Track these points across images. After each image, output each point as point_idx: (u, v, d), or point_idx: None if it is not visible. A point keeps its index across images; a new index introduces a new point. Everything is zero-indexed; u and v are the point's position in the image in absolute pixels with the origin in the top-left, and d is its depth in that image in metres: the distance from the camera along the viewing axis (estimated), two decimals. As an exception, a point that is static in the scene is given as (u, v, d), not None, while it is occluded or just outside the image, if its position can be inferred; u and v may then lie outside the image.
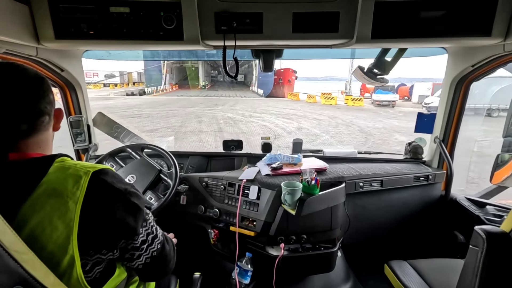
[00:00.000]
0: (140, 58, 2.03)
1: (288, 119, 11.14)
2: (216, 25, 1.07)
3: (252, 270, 1.48)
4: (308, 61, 12.34)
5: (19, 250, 0.51)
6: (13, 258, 0.48)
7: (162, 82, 20.65)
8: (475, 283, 0.86)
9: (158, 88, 23.37)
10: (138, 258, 0.71)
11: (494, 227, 0.87)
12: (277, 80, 22.63)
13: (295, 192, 1.32)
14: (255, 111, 13.20)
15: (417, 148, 1.93)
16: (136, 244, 0.69)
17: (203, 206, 1.64)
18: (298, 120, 10.97)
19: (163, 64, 22.74)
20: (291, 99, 19.67)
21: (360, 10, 1.03)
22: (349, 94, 19.68)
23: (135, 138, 1.99)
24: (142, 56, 2.01)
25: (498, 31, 1.04)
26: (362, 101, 17.68)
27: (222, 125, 10.08)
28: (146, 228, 0.71)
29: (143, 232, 0.70)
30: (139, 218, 0.68)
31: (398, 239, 1.90)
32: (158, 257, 0.76)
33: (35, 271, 0.52)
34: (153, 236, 0.74)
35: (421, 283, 1.24)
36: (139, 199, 0.69)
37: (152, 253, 0.73)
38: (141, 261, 0.72)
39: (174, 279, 1.24)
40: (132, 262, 0.71)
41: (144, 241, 0.71)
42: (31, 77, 0.66)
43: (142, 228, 0.70)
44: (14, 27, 0.94)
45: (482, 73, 1.49)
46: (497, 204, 1.59)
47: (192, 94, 22.67)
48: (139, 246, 0.69)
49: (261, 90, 22.70)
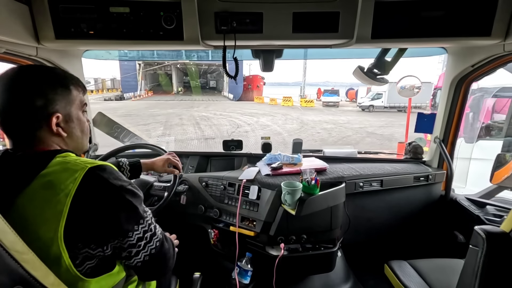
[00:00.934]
0: (135, 58, 2.04)
1: (250, 116, 14.41)
2: (216, 25, 1.07)
3: (252, 270, 1.48)
4: (280, 67, 13.25)
5: (20, 250, 0.51)
6: (13, 258, 0.48)
7: (138, 88, 21.21)
8: (475, 283, 0.86)
9: (135, 94, 24.66)
10: (136, 255, 0.71)
11: (494, 227, 0.87)
12: (246, 86, 25.15)
13: (295, 192, 1.32)
14: (224, 111, 16.28)
15: (417, 148, 1.93)
16: (132, 241, 0.68)
17: (203, 206, 1.64)
18: (257, 117, 14.10)
19: (138, 71, 23.52)
20: (257, 102, 23.14)
21: (360, 10, 1.03)
22: (303, 97, 23.61)
23: (135, 138, 1.99)
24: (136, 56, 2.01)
25: (498, 31, 1.04)
26: (313, 102, 21.89)
27: (198, 120, 13.02)
28: (142, 226, 0.71)
29: (138, 230, 0.70)
30: (133, 215, 0.68)
31: (398, 239, 1.90)
32: (156, 255, 0.75)
33: (35, 271, 0.52)
34: (151, 234, 0.73)
35: (421, 283, 1.24)
36: (134, 196, 0.69)
37: (150, 251, 0.73)
38: (140, 258, 0.72)
39: (174, 279, 1.23)
40: (131, 260, 0.71)
41: (141, 238, 0.70)
42: (54, 76, 0.71)
43: (138, 226, 0.69)
44: (14, 27, 0.94)
45: (482, 73, 1.49)
46: (497, 204, 1.59)
47: (168, 99, 24.90)
48: (135, 243, 0.69)
49: (231, 95, 24.93)
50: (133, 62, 22.36)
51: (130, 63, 22.73)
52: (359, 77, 1.48)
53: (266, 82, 28.35)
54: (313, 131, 11.06)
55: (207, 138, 9.43)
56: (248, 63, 20.10)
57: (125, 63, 22.71)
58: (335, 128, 11.84)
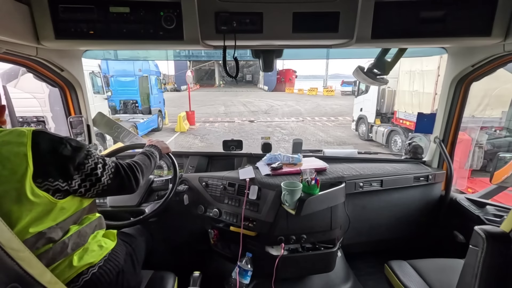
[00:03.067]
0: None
1: (281, 101, 20.08)
2: (216, 25, 1.07)
3: (252, 270, 1.48)
4: (310, 62, 15.40)
5: (15, 247, 0.51)
6: (9, 256, 0.48)
7: (190, 81, 23.36)
8: (475, 283, 0.86)
9: (187, 86, 26.88)
10: (99, 181, 0.91)
11: (494, 227, 0.87)
12: (279, 78, 28.52)
13: (295, 192, 1.32)
14: (261, 98, 22.28)
15: (417, 148, 1.93)
16: (86, 171, 0.88)
17: (203, 206, 1.64)
18: (285, 101, 19.80)
19: (188, 67, 26.18)
20: (288, 92, 27.90)
21: (360, 10, 1.03)
22: (326, 88, 27.89)
23: (135, 138, 1.98)
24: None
25: (498, 31, 1.04)
26: (333, 92, 26.19)
27: (244, 103, 18.78)
28: (92, 159, 0.90)
29: (89, 162, 0.89)
30: (81, 153, 0.88)
31: (398, 239, 1.90)
32: (117, 175, 0.97)
33: (31, 268, 0.52)
34: (102, 164, 0.94)
35: (421, 283, 1.24)
36: (77, 142, 0.89)
37: (109, 175, 0.95)
38: (103, 183, 0.92)
39: (173, 276, 1.24)
40: (96, 186, 0.91)
41: (94, 168, 0.90)
42: None
43: (87, 159, 0.89)
44: (14, 27, 0.94)
45: (482, 73, 1.49)
46: (497, 204, 1.59)
47: (214, 90, 30.60)
48: (90, 172, 0.89)
49: (266, 87, 29.02)
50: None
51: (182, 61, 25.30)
52: (359, 77, 1.48)
53: (298, 75, 31.78)
54: (322, 108, 16.82)
55: (253, 111, 15.18)
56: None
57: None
58: (339, 107, 17.09)
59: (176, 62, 26.90)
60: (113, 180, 0.96)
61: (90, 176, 0.89)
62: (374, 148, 8.19)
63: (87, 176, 0.89)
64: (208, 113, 14.48)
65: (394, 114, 7.70)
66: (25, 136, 0.78)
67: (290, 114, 14.38)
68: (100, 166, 0.92)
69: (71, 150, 0.85)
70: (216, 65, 33.24)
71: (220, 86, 34.24)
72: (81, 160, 0.87)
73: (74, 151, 0.86)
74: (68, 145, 0.85)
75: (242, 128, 10.82)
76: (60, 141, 0.84)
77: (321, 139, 9.19)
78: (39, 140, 0.80)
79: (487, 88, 4.95)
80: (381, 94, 8.07)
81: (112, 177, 0.96)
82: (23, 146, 0.77)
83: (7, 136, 0.78)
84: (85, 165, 0.88)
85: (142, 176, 1.08)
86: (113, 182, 0.96)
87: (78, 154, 0.86)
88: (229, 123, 11.96)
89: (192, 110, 11.15)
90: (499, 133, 5.22)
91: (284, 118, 13.17)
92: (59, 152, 0.82)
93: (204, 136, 9.47)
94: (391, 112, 7.97)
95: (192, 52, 2.28)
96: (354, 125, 9.58)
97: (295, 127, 11.13)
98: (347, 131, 10.30)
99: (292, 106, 17.35)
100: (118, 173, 0.99)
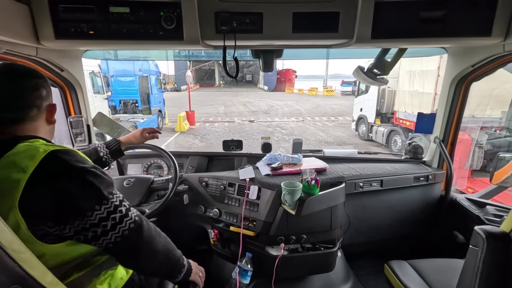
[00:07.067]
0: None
1: (281, 101, 20.08)
2: (216, 25, 1.07)
3: (252, 270, 1.48)
4: (311, 62, 15.34)
5: (17, 249, 0.51)
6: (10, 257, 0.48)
7: (190, 81, 23.62)
8: (475, 283, 0.86)
9: (187, 86, 27.35)
10: (105, 235, 0.70)
11: (494, 227, 0.87)
12: (279, 78, 28.53)
13: (295, 192, 1.32)
14: (261, 98, 22.46)
15: (417, 148, 1.93)
16: (93, 221, 0.68)
17: (203, 206, 1.64)
18: (285, 101, 19.73)
19: (188, 66, 26.39)
20: (288, 92, 27.94)
21: (360, 10, 1.03)
22: (326, 88, 28.07)
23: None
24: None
25: (498, 31, 1.04)
26: (333, 92, 26.21)
27: (244, 103, 18.88)
28: (106, 206, 0.70)
29: (101, 210, 0.69)
30: (92, 195, 0.68)
31: (398, 239, 1.90)
32: (129, 238, 0.74)
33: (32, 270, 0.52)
34: (120, 215, 0.72)
35: (421, 283, 1.24)
36: (97, 177, 0.69)
37: (122, 232, 0.72)
38: (109, 239, 0.71)
39: None
40: (99, 240, 0.70)
41: (105, 219, 0.69)
42: (20, 74, 0.75)
43: (100, 206, 0.69)
44: (14, 27, 0.94)
45: (482, 73, 1.49)
46: (497, 204, 1.59)
47: (214, 90, 30.70)
48: (97, 223, 0.68)
49: (266, 86, 29.01)
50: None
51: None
52: (359, 77, 1.48)
53: (298, 75, 32.00)
54: (322, 108, 16.93)
55: (253, 111, 15.22)
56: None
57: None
58: (339, 107, 17.18)
59: (176, 62, 26.91)
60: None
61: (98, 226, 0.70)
62: (374, 148, 8.19)
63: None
64: (208, 113, 14.51)
65: (394, 114, 7.71)
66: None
67: (290, 114, 14.43)
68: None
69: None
70: (216, 65, 33.41)
71: (220, 86, 34.50)
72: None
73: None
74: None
75: (242, 128, 10.83)
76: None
77: (321, 139, 9.20)
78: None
79: (487, 88, 4.95)
80: (381, 94, 8.09)
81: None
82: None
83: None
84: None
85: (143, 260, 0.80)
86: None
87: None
88: (229, 123, 11.98)
89: (192, 110, 11.17)
90: (499, 133, 5.23)
91: (284, 118, 13.23)
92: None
93: (204, 136, 9.48)
94: (391, 112, 7.98)
95: (192, 52, 2.28)
96: (354, 125, 9.59)
97: (295, 127, 11.16)
98: (347, 131, 10.32)
99: (292, 106, 17.47)
100: (138, 230, 0.77)
